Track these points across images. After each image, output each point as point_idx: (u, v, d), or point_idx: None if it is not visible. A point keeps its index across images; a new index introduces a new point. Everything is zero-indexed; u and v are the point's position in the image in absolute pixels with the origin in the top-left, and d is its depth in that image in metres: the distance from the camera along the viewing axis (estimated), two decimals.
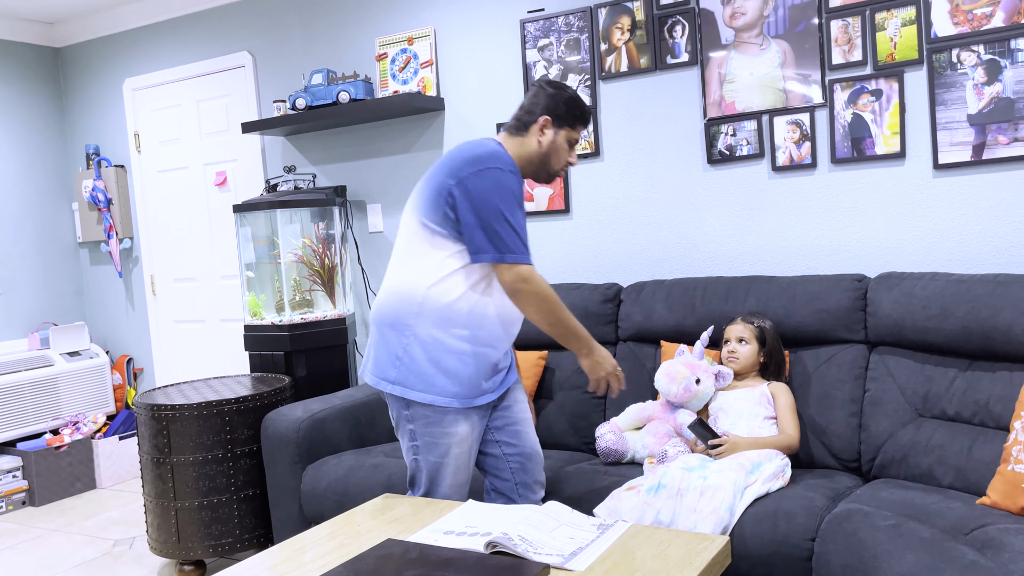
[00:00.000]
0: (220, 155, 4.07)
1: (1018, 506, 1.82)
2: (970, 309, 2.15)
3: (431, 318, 2.02)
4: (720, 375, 2.40)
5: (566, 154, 2.12)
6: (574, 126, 2.10)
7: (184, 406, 2.78)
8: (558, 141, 2.09)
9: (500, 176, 1.94)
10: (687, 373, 2.38)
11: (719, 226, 2.88)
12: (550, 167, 2.12)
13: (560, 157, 2.11)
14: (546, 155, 2.09)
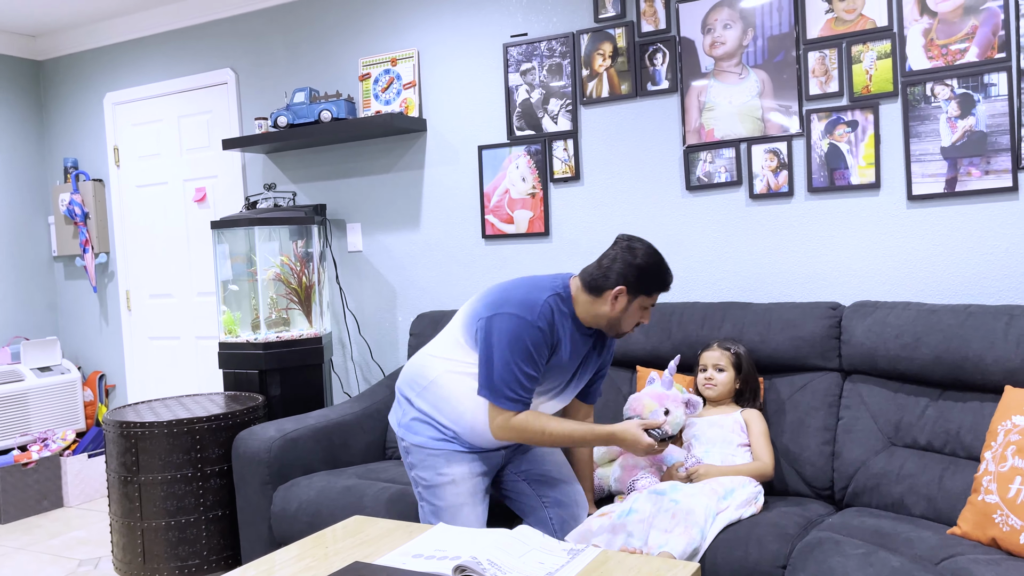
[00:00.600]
0: (200, 171, 4.05)
1: (988, 537, 1.82)
2: (942, 339, 2.16)
3: (429, 400, 2.18)
4: (690, 403, 2.37)
5: (637, 317, 2.11)
6: (649, 294, 2.09)
7: (154, 424, 2.74)
8: (631, 309, 2.09)
9: (523, 327, 2.01)
10: (655, 406, 2.33)
11: (696, 252, 2.90)
12: (619, 329, 2.12)
13: (631, 321, 2.11)
14: (617, 320, 2.10)
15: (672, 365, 2.43)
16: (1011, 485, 1.81)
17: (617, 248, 2.09)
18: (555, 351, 2.07)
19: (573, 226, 3.13)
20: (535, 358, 2.02)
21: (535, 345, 2.01)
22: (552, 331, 2.05)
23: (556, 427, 2.04)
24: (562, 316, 2.08)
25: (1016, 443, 1.85)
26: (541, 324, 2.02)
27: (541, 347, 2.02)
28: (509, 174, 3.23)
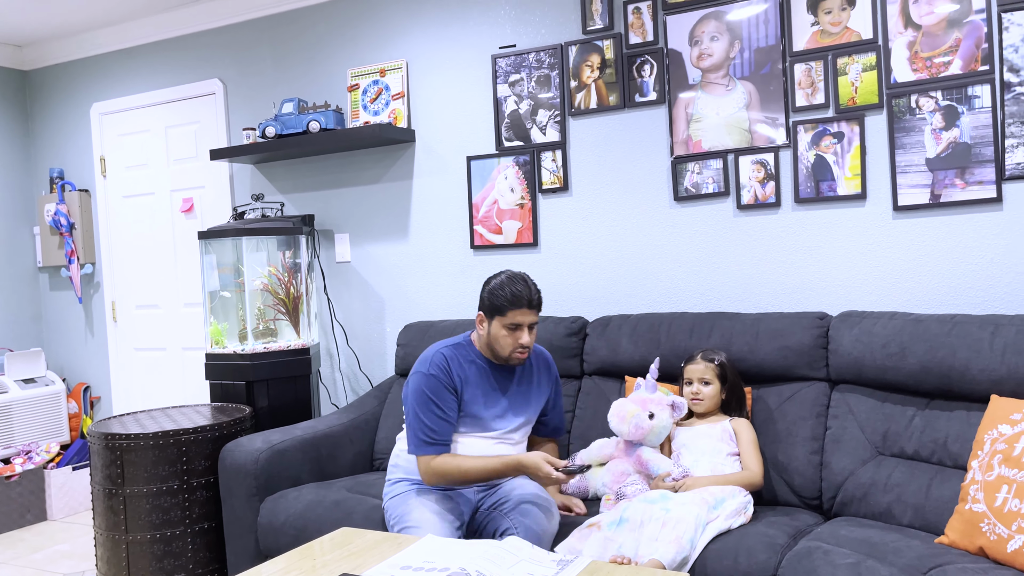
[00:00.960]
0: (187, 182, 4.04)
1: (976, 546, 1.83)
2: (928, 348, 2.18)
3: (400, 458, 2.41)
4: (675, 405, 2.38)
5: (509, 340, 2.24)
6: (503, 312, 2.23)
7: (139, 436, 2.71)
8: (493, 331, 2.26)
9: (420, 380, 2.25)
10: (637, 410, 2.35)
11: (684, 262, 2.91)
12: (499, 353, 2.28)
13: (502, 344, 2.25)
14: (490, 345, 2.29)
15: (653, 368, 2.44)
16: (998, 494, 1.82)
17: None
18: (460, 393, 2.26)
19: (562, 237, 3.13)
20: (436, 402, 2.21)
21: (432, 391, 2.22)
22: (448, 375, 2.24)
23: (470, 463, 2.19)
24: (463, 360, 2.29)
25: (1002, 452, 1.86)
26: (433, 372, 2.24)
27: (439, 391, 2.22)
28: (498, 185, 3.24)
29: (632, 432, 2.35)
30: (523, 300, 2.22)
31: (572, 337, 2.87)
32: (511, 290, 2.22)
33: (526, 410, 2.38)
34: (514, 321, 2.23)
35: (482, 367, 2.32)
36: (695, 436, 2.37)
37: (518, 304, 2.22)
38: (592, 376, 2.84)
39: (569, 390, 2.86)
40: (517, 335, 2.24)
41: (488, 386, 2.30)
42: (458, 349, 2.32)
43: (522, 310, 2.23)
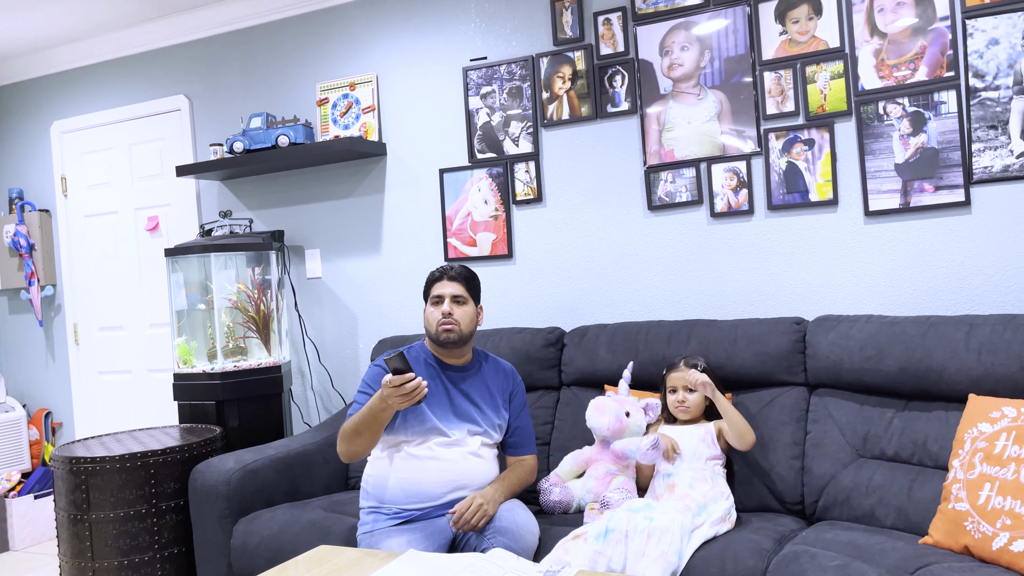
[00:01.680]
0: (152, 200, 3.95)
1: (960, 545, 1.83)
2: (905, 350, 2.19)
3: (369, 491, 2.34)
4: (648, 407, 2.42)
5: (434, 314, 2.33)
6: (428, 291, 2.38)
7: (105, 459, 2.62)
8: (425, 314, 2.37)
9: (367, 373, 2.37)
10: (615, 405, 2.39)
11: (660, 271, 2.91)
12: (430, 334, 2.35)
13: (430, 321, 2.34)
14: (427, 331, 2.37)
15: (626, 373, 2.47)
16: (980, 492, 1.83)
17: None
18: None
19: (536, 248, 3.12)
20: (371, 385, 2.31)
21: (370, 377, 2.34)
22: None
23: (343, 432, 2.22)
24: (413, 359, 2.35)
25: (983, 450, 1.87)
26: (379, 364, 2.34)
27: (378, 379, 2.32)
28: (471, 197, 3.21)
29: (612, 424, 2.36)
30: (443, 274, 2.35)
31: (549, 348, 2.85)
32: (435, 271, 2.38)
33: (473, 418, 2.32)
34: (436, 294, 2.33)
35: (432, 366, 2.36)
36: (680, 435, 2.35)
37: (439, 278, 2.35)
38: (571, 387, 2.81)
39: (547, 401, 2.83)
40: (440, 307, 2.31)
41: (435, 385, 2.32)
42: (410, 350, 2.39)
43: (442, 282, 2.34)
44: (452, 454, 2.26)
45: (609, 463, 2.40)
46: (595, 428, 2.41)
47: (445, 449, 2.26)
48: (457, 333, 2.31)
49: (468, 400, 2.34)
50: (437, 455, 2.25)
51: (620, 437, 2.39)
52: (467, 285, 2.36)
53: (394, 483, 2.25)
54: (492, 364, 2.45)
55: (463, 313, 2.32)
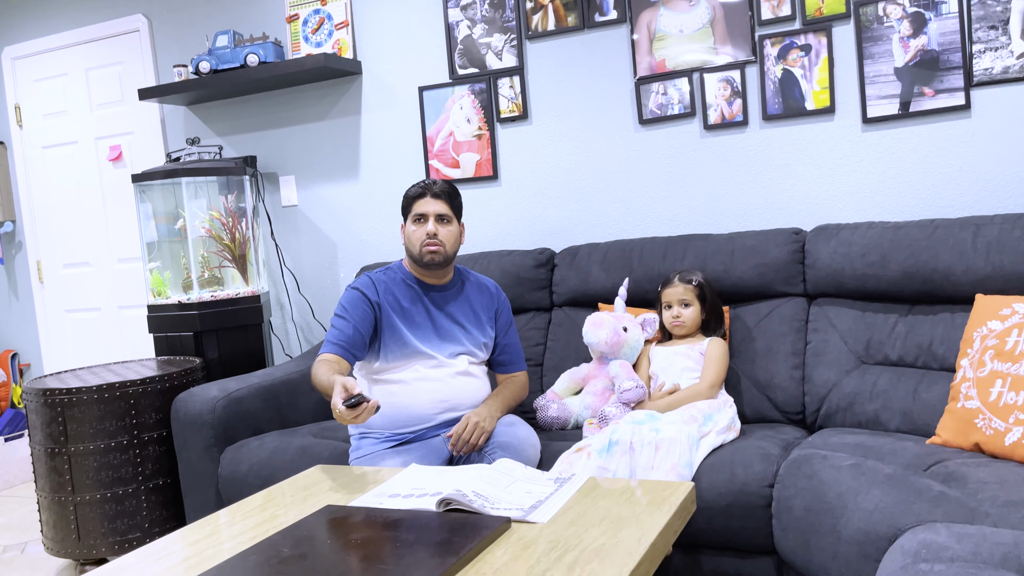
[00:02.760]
0: (114, 128, 3.76)
1: (971, 442, 1.81)
2: (910, 254, 2.15)
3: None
4: (646, 322, 2.37)
5: (418, 233, 2.20)
6: (409, 208, 2.23)
7: (82, 389, 2.51)
8: (407, 230, 2.24)
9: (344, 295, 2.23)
10: (613, 320, 2.34)
11: (652, 187, 2.83)
12: (413, 254, 2.23)
13: (413, 241, 2.22)
14: (408, 248, 2.25)
15: (622, 290, 2.41)
16: (992, 389, 1.80)
17: None
18: (379, 311, 2.19)
19: (523, 167, 3.01)
20: (348, 310, 2.17)
21: (348, 301, 2.19)
22: (372, 291, 2.20)
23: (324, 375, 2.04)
24: (391, 280, 2.24)
25: (994, 347, 1.84)
26: (355, 286, 2.22)
27: (356, 302, 2.18)
28: (453, 116, 3.09)
29: (610, 338, 2.30)
30: (425, 189, 2.21)
31: (540, 269, 2.78)
32: (414, 187, 2.23)
33: (457, 338, 2.23)
34: (418, 212, 2.20)
35: (413, 288, 2.24)
36: (671, 356, 2.31)
37: (420, 195, 2.21)
38: (563, 307, 2.75)
39: (539, 323, 2.77)
40: (424, 226, 2.19)
41: (417, 308, 2.22)
42: (388, 272, 2.27)
43: (424, 199, 2.20)
44: (440, 374, 2.19)
45: (607, 379, 2.35)
46: (592, 343, 2.36)
47: (432, 370, 2.19)
48: (442, 254, 2.20)
49: (452, 320, 2.25)
50: (425, 376, 2.18)
51: (618, 352, 2.34)
52: (451, 202, 2.22)
53: (387, 408, 2.18)
54: (475, 282, 2.35)
55: (448, 233, 2.20)
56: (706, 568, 1.91)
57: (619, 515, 1.46)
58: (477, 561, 1.31)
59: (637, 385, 2.23)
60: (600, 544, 1.34)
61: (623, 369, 2.28)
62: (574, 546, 1.34)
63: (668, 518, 1.44)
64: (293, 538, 1.43)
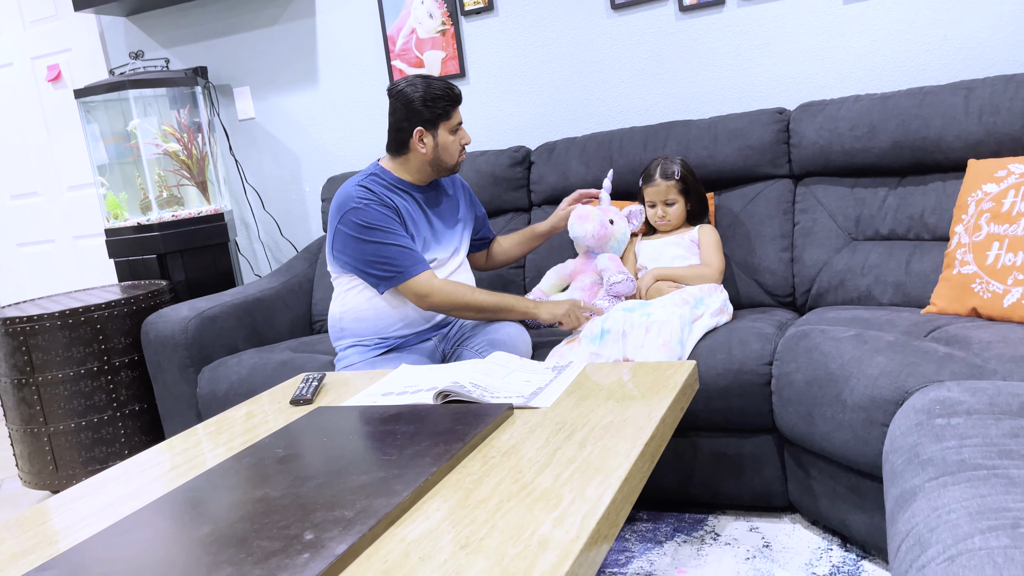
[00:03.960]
0: (50, 45, 3.52)
1: (968, 307, 1.79)
2: (900, 123, 2.09)
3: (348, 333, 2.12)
4: (632, 214, 2.29)
5: (456, 144, 2.07)
6: (449, 116, 2.04)
7: (44, 316, 2.39)
8: (442, 142, 2.05)
9: (354, 216, 1.97)
10: (599, 212, 2.26)
11: (627, 75, 2.72)
12: (446, 165, 2.08)
13: (451, 152, 2.07)
14: (438, 159, 2.07)
15: (607, 183, 2.31)
16: (988, 252, 1.77)
17: (393, 102, 2.05)
18: (402, 215, 2.04)
19: (492, 63, 2.87)
20: (388, 229, 1.98)
21: (376, 221, 1.98)
22: (381, 200, 2.00)
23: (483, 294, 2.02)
24: (384, 188, 2.05)
25: (990, 210, 1.81)
26: (365, 203, 1.98)
27: (383, 219, 1.98)
28: (414, 11, 2.92)
29: (597, 231, 2.22)
30: (458, 97, 2.07)
31: (516, 167, 2.67)
32: (446, 87, 2.04)
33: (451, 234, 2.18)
34: (459, 121, 2.07)
35: (405, 193, 2.09)
36: (661, 247, 2.25)
37: (456, 102, 2.06)
38: (541, 206, 2.66)
39: (518, 224, 2.68)
40: (461, 134, 2.09)
41: (416, 212, 2.09)
42: (377, 181, 2.06)
43: (458, 108, 2.09)
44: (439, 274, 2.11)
45: (595, 274, 2.28)
46: (578, 237, 2.28)
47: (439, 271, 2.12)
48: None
49: (444, 218, 2.17)
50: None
51: (604, 245, 2.27)
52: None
53: (375, 314, 2.08)
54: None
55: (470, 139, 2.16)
56: (706, 450, 1.90)
57: (624, 395, 1.41)
58: (484, 446, 1.25)
59: (627, 278, 2.17)
60: (609, 422, 1.29)
61: (612, 262, 2.22)
62: (582, 425, 1.29)
63: (674, 394, 1.40)
64: (286, 439, 1.36)
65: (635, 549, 1.84)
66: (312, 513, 1.04)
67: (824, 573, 1.65)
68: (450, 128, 2.04)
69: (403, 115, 2.03)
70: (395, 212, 2.01)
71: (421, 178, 2.11)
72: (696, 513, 1.98)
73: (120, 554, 1.01)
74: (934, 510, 0.97)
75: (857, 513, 1.63)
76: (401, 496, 1.06)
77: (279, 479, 1.18)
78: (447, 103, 2.02)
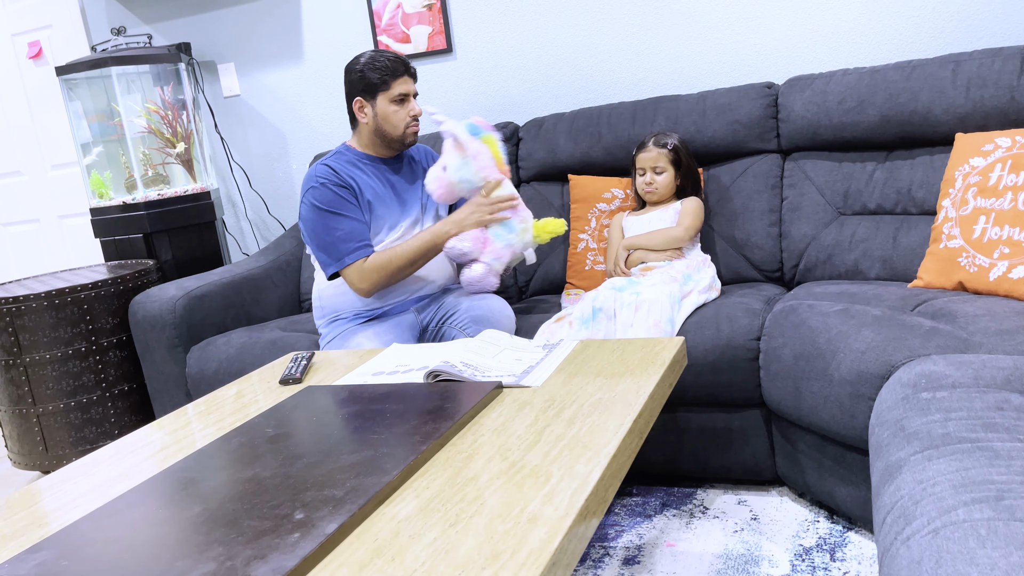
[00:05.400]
0: (29, 22, 3.46)
1: (954, 281, 1.80)
2: (888, 96, 2.08)
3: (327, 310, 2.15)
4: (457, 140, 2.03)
5: (401, 113, 2.07)
6: (388, 87, 2.04)
7: (30, 297, 2.37)
8: (381, 111, 2.06)
9: (312, 197, 2.01)
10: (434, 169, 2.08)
11: (614, 51, 2.70)
12: (390, 137, 2.09)
13: (395, 122, 2.07)
14: (380, 129, 2.08)
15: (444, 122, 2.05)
16: (975, 226, 1.78)
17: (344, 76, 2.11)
18: (359, 192, 2.06)
19: (479, 38, 2.85)
20: (339, 211, 2.01)
21: (329, 202, 2.01)
22: (339, 179, 2.03)
23: (401, 247, 2.03)
24: (347, 163, 2.09)
25: (977, 184, 1.81)
26: (322, 182, 2.02)
27: (336, 200, 2.02)
28: None
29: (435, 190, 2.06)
30: (401, 68, 2.05)
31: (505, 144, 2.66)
32: (385, 58, 2.05)
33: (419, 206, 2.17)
34: (400, 92, 2.05)
35: (369, 166, 2.11)
36: (646, 224, 2.24)
37: (397, 73, 2.05)
38: (531, 183, 2.65)
39: None
40: (407, 106, 2.07)
41: (378, 184, 2.10)
42: (339, 157, 2.11)
43: (403, 79, 2.06)
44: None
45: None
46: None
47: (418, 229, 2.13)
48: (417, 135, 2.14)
49: (410, 188, 2.17)
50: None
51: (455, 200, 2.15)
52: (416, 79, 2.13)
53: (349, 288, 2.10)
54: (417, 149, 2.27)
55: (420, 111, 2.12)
56: (695, 425, 1.91)
57: (613, 372, 1.42)
58: (473, 424, 1.26)
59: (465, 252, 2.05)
60: (598, 399, 1.30)
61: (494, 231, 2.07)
62: (571, 402, 1.30)
63: (663, 371, 1.41)
64: (276, 419, 1.36)
65: (625, 523, 1.86)
66: (302, 492, 1.04)
67: (811, 545, 1.67)
68: (390, 98, 2.04)
69: (347, 87, 2.08)
70: (350, 191, 2.04)
71: (377, 151, 2.13)
72: (685, 487, 1.99)
73: (110, 535, 1.01)
74: (919, 483, 0.99)
75: (844, 486, 1.65)
76: (391, 475, 1.06)
77: (269, 459, 1.18)
78: (385, 73, 2.03)
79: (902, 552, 0.87)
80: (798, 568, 1.60)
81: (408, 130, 2.08)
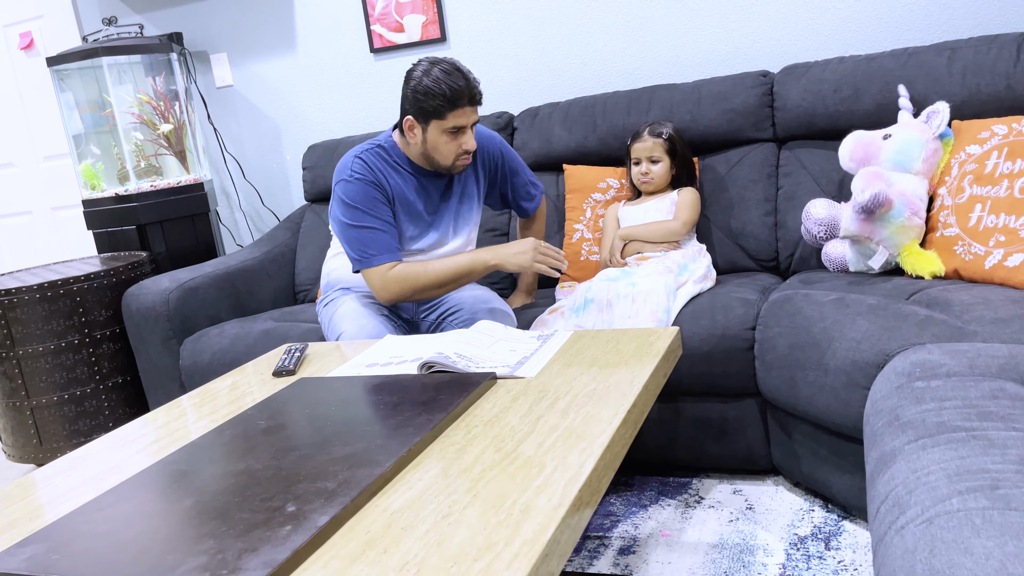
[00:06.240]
0: (20, 12, 3.43)
1: (949, 270, 1.79)
2: (883, 85, 2.08)
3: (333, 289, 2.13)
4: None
5: (452, 147, 1.88)
6: (442, 116, 1.83)
7: (23, 289, 2.36)
8: (431, 139, 1.88)
9: (344, 192, 1.90)
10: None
11: (609, 40, 2.68)
12: (439, 162, 1.92)
13: (444, 153, 1.89)
14: (427, 155, 1.92)
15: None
16: (971, 214, 1.77)
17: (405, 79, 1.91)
18: (391, 199, 1.94)
19: (473, 27, 2.83)
20: (369, 211, 1.89)
21: (360, 200, 1.89)
22: (373, 176, 1.91)
23: (433, 264, 1.89)
24: (385, 164, 1.94)
25: (973, 172, 1.80)
26: (356, 178, 1.90)
27: (367, 200, 1.89)
28: None
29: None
30: (463, 97, 1.82)
31: (499, 133, 2.64)
32: (448, 85, 1.80)
33: (470, 220, 2.07)
34: (456, 124, 1.84)
35: (409, 176, 1.97)
36: (641, 214, 2.24)
37: (458, 103, 1.81)
38: None
39: None
40: (460, 140, 1.87)
41: (416, 191, 1.97)
42: (380, 154, 1.94)
43: (463, 110, 1.83)
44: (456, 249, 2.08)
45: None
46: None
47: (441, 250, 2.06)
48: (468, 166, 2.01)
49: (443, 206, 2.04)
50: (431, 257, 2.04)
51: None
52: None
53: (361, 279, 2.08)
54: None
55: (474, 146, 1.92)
56: (690, 415, 1.91)
57: (607, 362, 1.41)
58: (467, 415, 1.25)
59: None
60: (592, 389, 1.29)
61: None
62: (565, 393, 1.29)
63: (657, 361, 1.40)
64: (269, 411, 1.36)
65: (620, 513, 1.86)
66: (295, 484, 1.04)
67: (806, 534, 1.67)
68: (443, 129, 1.85)
69: (403, 98, 1.89)
70: (383, 193, 1.92)
71: (423, 163, 1.97)
72: (680, 477, 1.99)
73: (103, 527, 1.00)
74: (913, 472, 0.98)
75: (839, 475, 1.65)
76: (384, 466, 1.06)
77: (262, 451, 1.17)
78: (442, 102, 1.81)
79: (896, 541, 0.87)
80: (793, 557, 1.60)
81: (458, 162, 1.92)
